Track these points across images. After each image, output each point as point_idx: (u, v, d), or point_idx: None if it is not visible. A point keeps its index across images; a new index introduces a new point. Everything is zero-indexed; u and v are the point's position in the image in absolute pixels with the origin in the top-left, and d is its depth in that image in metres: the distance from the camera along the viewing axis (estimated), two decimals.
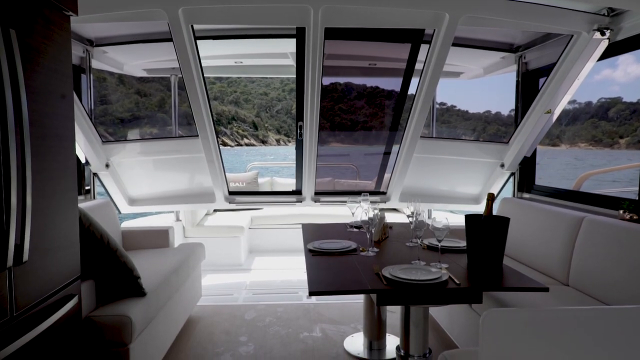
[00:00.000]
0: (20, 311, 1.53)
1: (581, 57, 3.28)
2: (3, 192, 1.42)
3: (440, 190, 4.58)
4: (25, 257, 1.51)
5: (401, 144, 4.10)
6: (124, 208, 4.42)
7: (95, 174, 4.06)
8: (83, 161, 3.92)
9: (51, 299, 1.73)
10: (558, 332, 0.86)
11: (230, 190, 4.40)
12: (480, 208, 4.62)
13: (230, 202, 4.38)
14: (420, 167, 4.27)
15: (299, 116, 3.86)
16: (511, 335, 0.86)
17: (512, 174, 4.20)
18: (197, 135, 3.87)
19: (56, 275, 1.78)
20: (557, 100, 3.59)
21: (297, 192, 4.41)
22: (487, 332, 0.86)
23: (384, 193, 4.51)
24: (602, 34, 3.12)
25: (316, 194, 4.39)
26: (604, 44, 3.21)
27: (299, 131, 3.92)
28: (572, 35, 3.26)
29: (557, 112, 3.72)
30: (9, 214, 1.42)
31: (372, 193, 4.60)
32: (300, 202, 4.42)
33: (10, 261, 1.44)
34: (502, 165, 4.14)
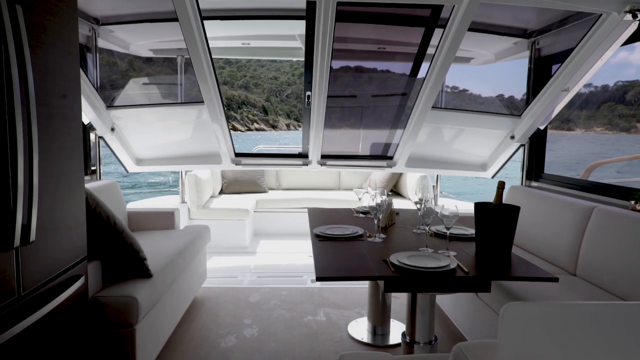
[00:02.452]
0: (27, 291, 1.53)
1: (607, 38, 3.16)
2: (10, 172, 1.40)
3: (448, 156, 4.58)
4: (32, 237, 1.50)
5: (410, 114, 4.08)
6: (131, 167, 4.49)
7: (101, 137, 4.07)
8: (87, 124, 3.90)
9: (58, 279, 1.73)
10: (580, 327, 0.84)
11: (236, 152, 4.45)
12: (487, 175, 4.68)
13: (236, 164, 4.42)
14: (429, 134, 4.26)
15: (307, 87, 3.86)
16: (531, 329, 0.84)
17: (522, 145, 4.17)
18: (202, 102, 3.87)
19: (63, 256, 1.77)
20: (575, 79, 3.51)
21: (304, 155, 4.41)
22: (506, 325, 0.84)
23: (390, 158, 4.49)
24: (635, 16, 3.01)
25: (322, 157, 4.40)
26: (634, 26, 3.10)
27: (307, 100, 3.92)
28: (601, 15, 3.15)
29: (574, 91, 3.65)
30: (16, 194, 1.41)
31: (378, 157, 4.60)
32: (306, 165, 4.44)
33: (17, 241, 1.43)
34: (512, 137, 4.12)
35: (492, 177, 4.71)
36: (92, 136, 4.02)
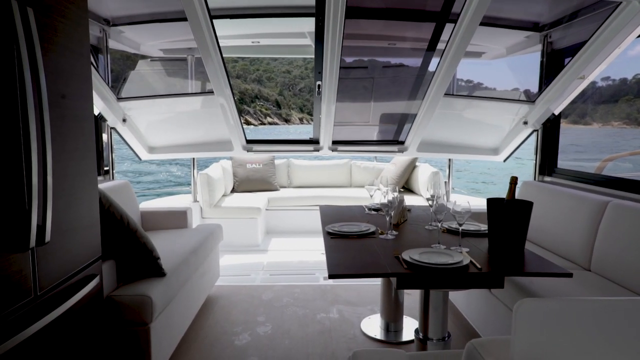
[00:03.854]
0: (43, 291, 1.55)
1: (626, 27, 3.10)
2: (24, 174, 1.42)
3: (459, 141, 4.58)
4: (48, 237, 1.52)
5: (423, 100, 4.07)
6: (144, 156, 4.60)
7: (113, 128, 4.13)
8: (97, 114, 3.95)
9: (73, 279, 1.75)
10: (595, 323, 0.83)
11: (247, 139, 4.52)
12: (498, 159, 4.70)
13: (248, 151, 4.47)
14: (441, 120, 4.26)
15: (318, 77, 3.90)
16: (546, 325, 0.83)
17: (535, 131, 4.14)
18: (212, 92, 3.93)
19: (78, 256, 1.80)
20: (592, 67, 3.45)
21: (315, 141, 4.42)
22: (520, 321, 0.83)
23: (402, 142, 4.49)
24: None
25: (334, 143, 4.41)
26: None
27: (317, 90, 3.95)
28: (620, 3, 3.09)
29: (590, 79, 3.59)
30: (31, 195, 1.43)
31: (389, 142, 4.59)
32: (318, 151, 4.45)
33: (32, 242, 1.45)
34: (525, 123, 4.09)
35: (504, 160, 4.70)
36: (104, 137, 4.07)
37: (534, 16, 3.86)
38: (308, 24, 3.77)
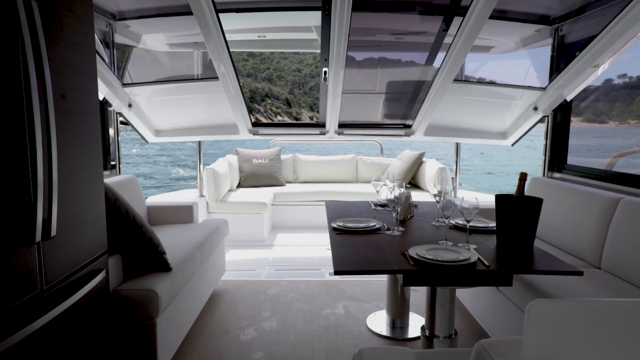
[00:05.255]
0: (49, 285, 1.55)
1: None
2: (29, 168, 1.42)
3: (467, 125, 4.56)
4: (53, 232, 1.51)
5: (429, 91, 4.05)
6: (150, 138, 4.67)
7: (119, 113, 4.18)
8: (101, 99, 3.97)
9: (79, 273, 1.75)
10: (609, 324, 0.81)
11: (253, 121, 4.56)
12: (507, 142, 4.69)
13: (254, 134, 4.48)
14: (449, 104, 4.24)
15: (324, 63, 3.91)
16: (559, 326, 0.81)
17: (545, 116, 4.11)
18: (217, 78, 3.95)
19: (84, 250, 1.79)
20: (606, 56, 3.38)
21: (321, 125, 4.42)
22: (533, 323, 0.81)
23: (409, 126, 4.46)
24: None
25: (340, 126, 4.40)
26: None
27: (324, 76, 3.94)
28: None
29: (604, 67, 3.53)
30: (36, 189, 1.42)
31: (396, 126, 4.57)
32: (324, 134, 4.45)
33: (38, 236, 1.45)
34: (536, 109, 4.08)
35: (512, 144, 4.68)
36: (111, 131, 4.07)
37: (544, 9, 3.80)
38: (314, 18, 3.74)
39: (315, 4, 3.47)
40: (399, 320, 3.03)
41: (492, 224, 2.65)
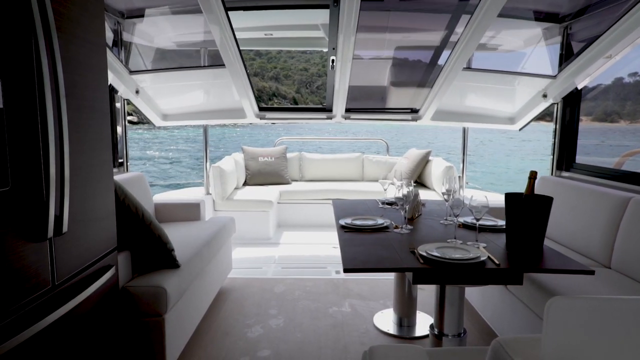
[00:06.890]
0: (61, 280, 1.56)
1: None
2: (42, 165, 1.43)
3: (475, 109, 4.57)
4: (65, 228, 1.52)
5: (436, 81, 4.05)
6: (158, 122, 4.76)
7: (126, 99, 4.25)
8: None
9: (90, 269, 1.76)
10: (629, 323, 0.80)
11: (259, 111, 4.61)
12: (514, 128, 4.71)
13: (260, 118, 4.53)
14: (457, 90, 4.24)
15: (332, 52, 3.94)
16: (579, 324, 0.80)
17: (554, 104, 4.10)
18: (224, 65, 4.01)
19: (94, 246, 1.80)
20: (619, 47, 3.35)
21: (328, 110, 4.44)
22: (552, 321, 0.81)
23: (416, 111, 4.47)
24: None
25: (347, 111, 4.42)
26: None
27: (331, 64, 3.96)
28: None
29: (617, 58, 3.49)
30: (49, 186, 1.43)
31: (403, 111, 4.57)
32: (330, 119, 4.47)
33: (50, 232, 1.45)
34: (545, 96, 4.08)
35: (520, 130, 4.69)
36: (119, 129, 4.09)
37: (553, 7, 3.77)
38: (321, 16, 3.73)
39: (322, 2, 3.46)
40: (406, 318, 3.03)
41: (501, 223, 2.64)
